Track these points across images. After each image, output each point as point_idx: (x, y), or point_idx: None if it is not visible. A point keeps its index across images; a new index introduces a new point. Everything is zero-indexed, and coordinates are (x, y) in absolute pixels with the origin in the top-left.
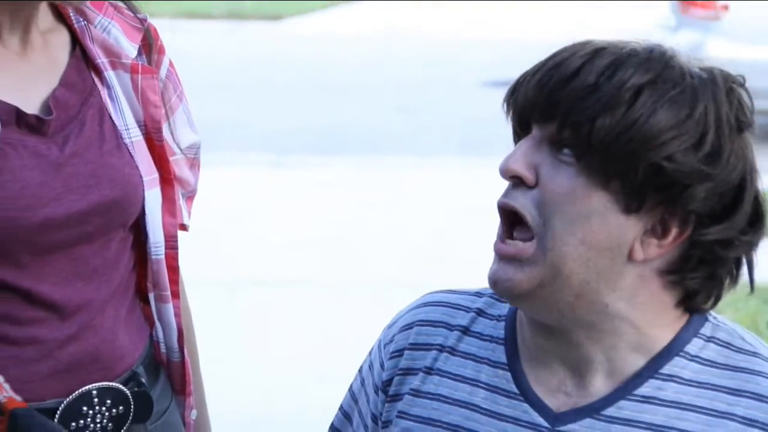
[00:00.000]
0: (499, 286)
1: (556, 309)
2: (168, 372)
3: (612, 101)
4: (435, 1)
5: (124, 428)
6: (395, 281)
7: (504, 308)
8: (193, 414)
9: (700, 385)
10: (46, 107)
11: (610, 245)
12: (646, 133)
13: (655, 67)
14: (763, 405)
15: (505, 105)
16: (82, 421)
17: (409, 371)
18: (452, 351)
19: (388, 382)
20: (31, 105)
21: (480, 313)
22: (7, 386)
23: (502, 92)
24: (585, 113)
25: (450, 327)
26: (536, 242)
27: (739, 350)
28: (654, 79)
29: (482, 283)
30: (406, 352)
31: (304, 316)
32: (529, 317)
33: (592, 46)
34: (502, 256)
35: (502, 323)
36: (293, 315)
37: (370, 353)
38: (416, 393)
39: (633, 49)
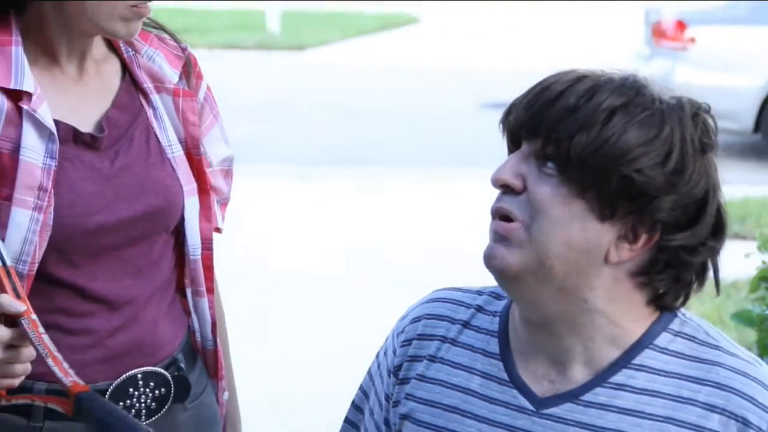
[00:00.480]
0: (491, 263)
1: (541, 299)
2: (203, 358)
3: (588, 121)
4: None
5: (165, 407)
6: (406, 280)
7: (500, 305)
8: (225, 395)
9: (667, 374)
10: (100, 126)
11: (588, 247)
12: (618, 150)
13: (628, 92)
14: (722, 392)
15: (500, 125)
16: (128, 401)
17: (415, 358)
18: (453, 342)
19: (399, 367)
20: (86, 124)
21: (479, 309)
22: (71, 372)
23: (497, 114)
24: (565, 131)
25: (453, 321)
26: (526, 231)
27: (703, 343)
28: (626, 103)
29: (482, 281)
30: (414, 341)
31: (326, 310)
32: (519, 314)
33: (575, 74)
34: (496, 233)
35: (497, 318)
36: (315, 308)
37: (386, 341)
38: (421, 378)
39: (610, 77)
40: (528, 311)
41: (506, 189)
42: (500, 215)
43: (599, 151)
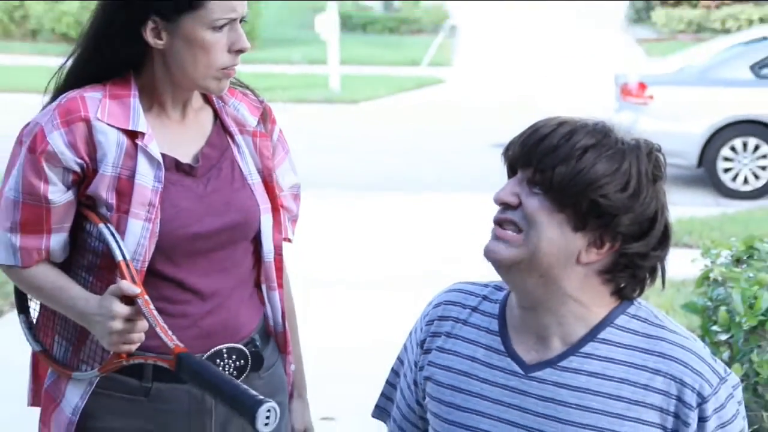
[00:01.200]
0: (489, 256)
1: (527, 285)
2: (275, 339)
3: (567, 156)
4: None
5: (244, 375)
6: (427, 280)
7: (500, 295)
8: (292, 367)
9: (624, 346)
10: (196, 159)
11: (565, 250)
12: (588, 179)
13: (597, 135)
14: (665, 360)
15: (502, 157)
16: None
17: (436, 334)
18: (464, 322)
19: (424, 341)
20: (186, 157)
21: (485, 298)
22: (174, 337)
23: (500, 150)
24: (549, 164)
25: (464, 306)
26: (523, 236)
27: (652, 324)
28: (596, 143)
29: (489, 278)
30: (435, 321)
31: (358, 307)
32: (514, 301)
33: (558, 120)
34: (495, 235)
35: (498, 305)
36: (350, 305)
37: (416, 322)
38: (440, 349)
39: (585, 122)
40: (519, 297)
41: (505, 206)
42: (501, 223)
43: (574, 180)
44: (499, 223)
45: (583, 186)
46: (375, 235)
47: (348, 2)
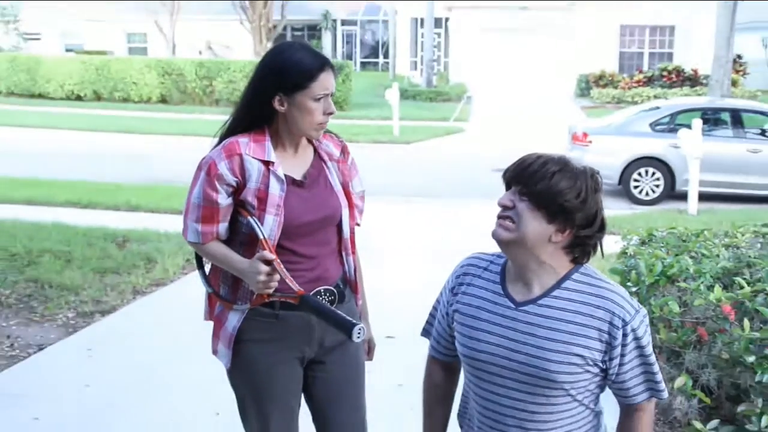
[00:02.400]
0: (495, 237)
1: (518, 255)
2: (350, 284)
3: (542, 177)
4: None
5: (334, 306)
6: (452, 252)
7: (501, 261)
8: (360, 302)
9: (577, 291)
10: (304, 176)
11: (543, 234)
12: (556, 191)
13: (561, 164)
14: (602, 299)
15: (502, 178)
16: None
17: (461, 284)
18: (478, 277)
19: (453, 288)
20: (298, 175)
21: (491, 263)
22: (297, 285)
23: (498, 173)
24: (532, 183)
25: (478, 267)
26: (515, 225)
27: (594, 278)
28: (560, 168)
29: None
30: (460, 276)
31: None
32: (511, 264)
33: (536, 155)
34: (498, 224)
35: (499, 267)
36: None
37: (449, 277)
38: (463, 293)
39: (553, 157)
40: (513, 262)
41: (504, 207)
42: (502, 217)
43: (547, 192)
44: (500, 217)
45: (553, 196)
46: (416, 224)
47: (405, 81)
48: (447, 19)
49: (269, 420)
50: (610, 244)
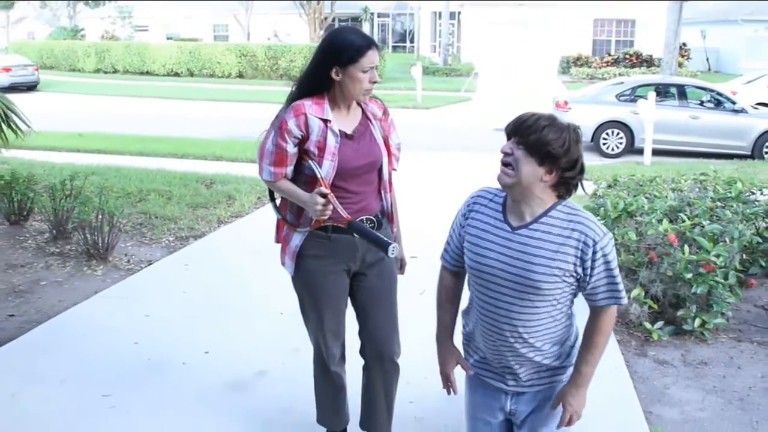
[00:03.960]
0: (499, 181)
1: (516, 192)
2: (387, 216)
3: (535, 130)
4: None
5: (374, 230)
6: (459, 188)
7: (503, 195)
8: (395, 229)
9: (559, 219)
10: (354, 131)
11: (535, 175)
12: (546, 141)
13: (549, 120)
14: (577, 224)
15: (504, 131)
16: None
17: (471, 211)
18: (485, 207)
19: (465, 214)
20: (349, 130)
21: (495, 195)
22: (346, 212)
23: (501, 131)
24: (526, 134)
25: (485, 198)
26: (514, 172)
27: (572, 209)
28: (550, 123)
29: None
30: (471, 204)
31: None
32: (509, 198)
33: (531, 113)
34: (501, 170)
35: (501, 199)
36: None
37: (461, 205)
38: (473, 218)
39: (544, 114)
40: (512, 197)
41: (506, 153)
42: (504, 164)
43: (538, 142)
44: (503, 163)
45: (543, 144)
46: (435, 170)
47: (426, 61)
48: (459, 13)
49: (323, 317)
50: (585, 187)
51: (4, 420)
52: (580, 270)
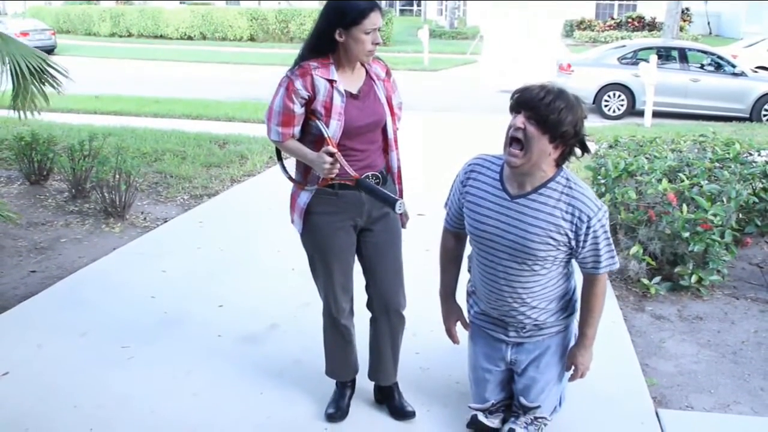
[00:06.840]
0: (509, 164)
1: (525, 169)
2: (391, 173)
3: (553, 111)
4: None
5: (379, 185)
6: (463, 146)
7: (500, 162)
8: (398, 188)
9: (557, 192)
10: (359, 91)
11: (544, 151)
12: (555, 116)
13: (556, 91)
14: (572, 198)
15: (510, 101)
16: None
17: (469, 178)
18: (482, 174)
19: (463, 180)
20: (354, 90)
21: (492, 162)
22: (353, 170)
23: (506, 95)
24: (536, 107)
25: (482, 166)
26: (524, 152)
27: (569, 180)
28: (557, 96)
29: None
30: (469, 171)
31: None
32: (514, 172)
33: (540, 83)
34: (510, 153)
35: (499, 167)
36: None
37: (459, 172)
38: (471, 185)
39: (552, 86)
40: (519, 172)
41: (517, 128)
42: (512, 140)
43: (556, 123)
44: (512, 138)
45: (559, 125)
46: (441, 130)
47: (433, 24)
48: None
49: (332, 272)
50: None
51: (33, 369)
52: (573, 242)
